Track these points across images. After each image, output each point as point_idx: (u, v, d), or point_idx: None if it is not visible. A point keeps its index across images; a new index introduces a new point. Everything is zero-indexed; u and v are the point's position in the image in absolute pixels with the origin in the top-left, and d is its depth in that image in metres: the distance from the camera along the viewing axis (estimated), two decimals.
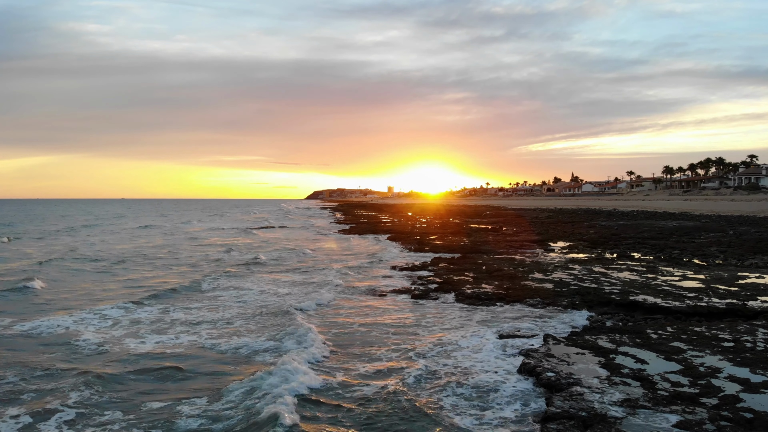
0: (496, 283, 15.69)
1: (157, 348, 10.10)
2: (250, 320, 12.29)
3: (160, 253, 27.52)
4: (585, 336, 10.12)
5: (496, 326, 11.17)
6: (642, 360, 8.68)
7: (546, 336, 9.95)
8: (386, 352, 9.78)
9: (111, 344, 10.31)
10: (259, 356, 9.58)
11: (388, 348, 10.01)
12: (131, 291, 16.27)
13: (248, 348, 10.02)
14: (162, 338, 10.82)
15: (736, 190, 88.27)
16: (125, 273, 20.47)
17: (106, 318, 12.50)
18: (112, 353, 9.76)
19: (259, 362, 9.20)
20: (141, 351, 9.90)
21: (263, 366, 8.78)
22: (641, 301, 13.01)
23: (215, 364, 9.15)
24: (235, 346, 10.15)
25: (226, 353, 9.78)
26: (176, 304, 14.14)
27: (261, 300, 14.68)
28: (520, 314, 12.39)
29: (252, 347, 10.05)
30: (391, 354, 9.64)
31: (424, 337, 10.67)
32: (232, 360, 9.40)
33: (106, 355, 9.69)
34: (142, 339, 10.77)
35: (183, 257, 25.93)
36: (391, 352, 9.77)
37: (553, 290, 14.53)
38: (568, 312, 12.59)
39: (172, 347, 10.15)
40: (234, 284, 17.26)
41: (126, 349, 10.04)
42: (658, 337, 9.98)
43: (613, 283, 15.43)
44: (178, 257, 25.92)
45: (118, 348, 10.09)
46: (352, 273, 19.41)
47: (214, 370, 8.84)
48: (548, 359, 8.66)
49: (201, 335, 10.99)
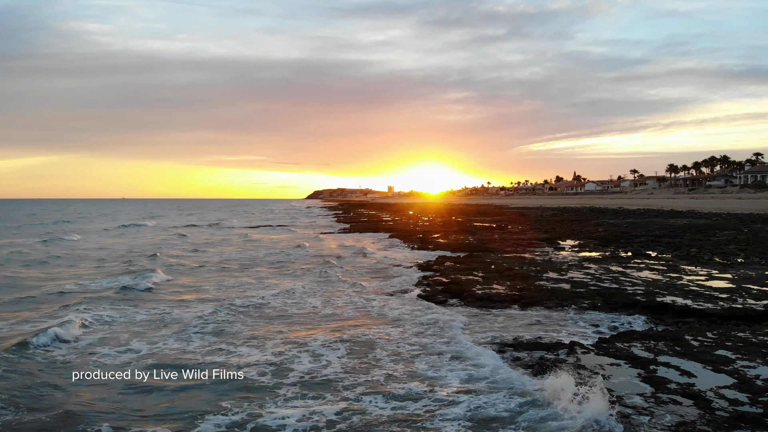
0: (509, 283, 14.51)
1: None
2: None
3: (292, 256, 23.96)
4: (616, 343, 8.95)
5: (513, 333, 9.99)
6: (688, 372, 7.51)
7: (572, 344, 8.78)
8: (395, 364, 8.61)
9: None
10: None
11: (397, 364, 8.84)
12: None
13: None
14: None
15: (742, 188, 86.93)
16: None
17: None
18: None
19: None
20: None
21: None
22: (670, 303, 11.84)
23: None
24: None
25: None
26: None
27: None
28: (538, 318, 11.21)
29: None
30: (400, 367, 8.46)
31: (432, 346, 9.49)
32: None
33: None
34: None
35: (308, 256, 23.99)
36: (396, 362, 8.59)
37: (571, 291, 13.36)
38: (590, 315, 11.43)
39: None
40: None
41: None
42: (699, 344, 8.81)
43: (635, 283, 14.25)
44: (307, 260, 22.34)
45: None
46: (351, 274, 18.24)
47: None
48: (578, 371, 7.49)
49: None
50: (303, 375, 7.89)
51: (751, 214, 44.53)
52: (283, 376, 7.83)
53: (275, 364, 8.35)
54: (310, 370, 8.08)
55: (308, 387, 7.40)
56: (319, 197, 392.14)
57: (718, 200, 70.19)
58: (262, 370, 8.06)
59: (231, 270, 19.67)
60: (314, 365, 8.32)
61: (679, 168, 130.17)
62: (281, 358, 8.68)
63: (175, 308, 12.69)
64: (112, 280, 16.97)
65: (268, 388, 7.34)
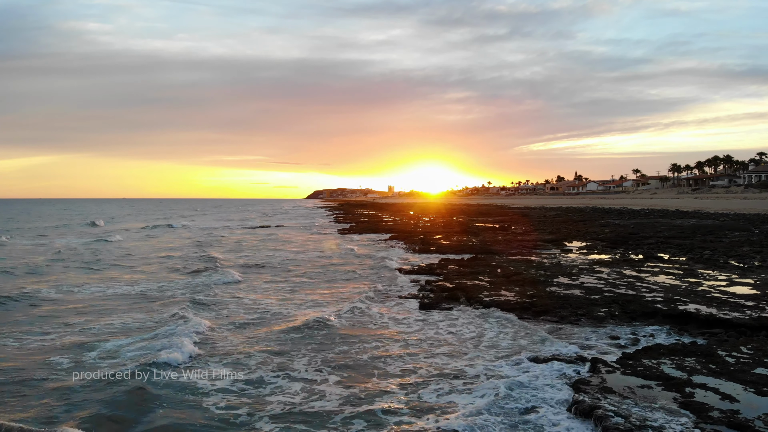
0: (517, 289, 13.64)
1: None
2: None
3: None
4: (642, 359, 8.07)
5: (527, 346, 9.12)
6: (729, 396, 6.64)
7: (595, 361, 7.89)
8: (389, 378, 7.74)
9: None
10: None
11: (391, 374, 7.98)
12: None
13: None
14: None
15: (747, 188, 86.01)
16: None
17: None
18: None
19: None
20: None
21: None
22: (694, 312, 10.96)
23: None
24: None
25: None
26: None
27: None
28: (552, 329, 10.34)
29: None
30: (393, 383, 7.60)
31: (439, 363, 8.62)
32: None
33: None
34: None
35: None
36: (391, 378, 7.73)
37: (584, 298, 12.48)
38: (609, 325, 10.56)
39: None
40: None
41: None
42: (735, 361, 7.93)
43: (653, 289, 13.37)
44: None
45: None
46: (351, 278, 17.38)
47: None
48: (606, 395, 6.63)
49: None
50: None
51: (759, 215, 43.66)
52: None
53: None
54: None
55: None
56: (319, 197, 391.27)
57: (723, 200, 69.31)
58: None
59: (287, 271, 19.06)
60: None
61: (682, 167, 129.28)
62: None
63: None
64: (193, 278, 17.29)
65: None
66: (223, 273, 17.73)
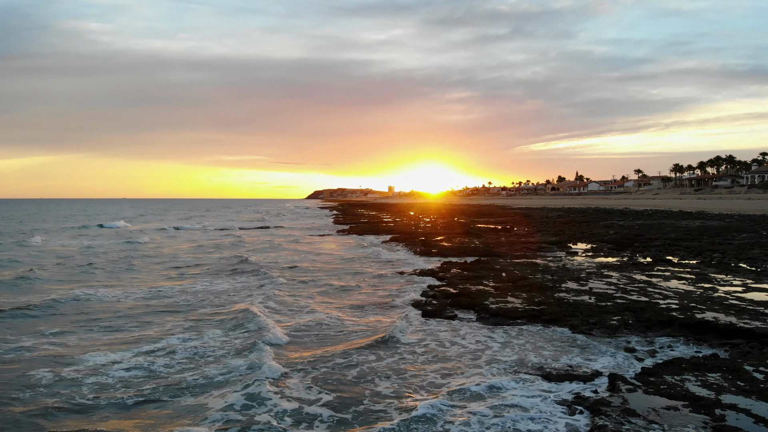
0: (524, 295, 13.05)
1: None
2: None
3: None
4: (664, 375, 7.50)
5: (538, 360, 8.53)
6: (763, 419, 6.06)
7: (613, 377, 7.31)
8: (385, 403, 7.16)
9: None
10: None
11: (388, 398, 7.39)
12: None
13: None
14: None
15: (750, 189, 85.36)
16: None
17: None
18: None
19: None
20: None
21: None
22: (712, 321, 10.37)
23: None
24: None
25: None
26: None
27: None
28: (564, 340, 9.75)
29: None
30: (388, 408, 7.02)
31: (438, 380, 8.04)
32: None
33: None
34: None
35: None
36: (386, 400, 7.15)
37: (596, 305, 11.89)
38: (623, 335, 9.97)
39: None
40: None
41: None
42: (764, 377, 7.35)
43: (666, 295, 12.79)
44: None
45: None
46: (350, 282, 16.80)
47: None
48: (630, 418, 6.05)
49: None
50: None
51: (765, 216, 43.04)
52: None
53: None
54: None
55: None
56: (319, 197, 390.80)
57: (726, 201, 68.68)
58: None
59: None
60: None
61: (684, 168, 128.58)
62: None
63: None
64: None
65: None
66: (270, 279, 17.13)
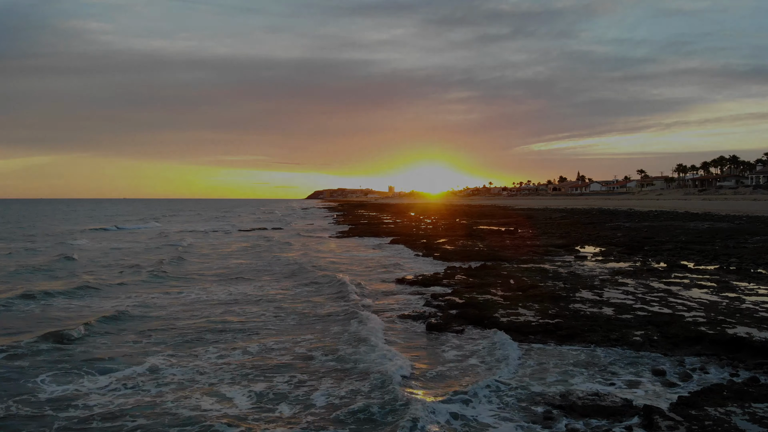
0: (537, 306, 12.06)
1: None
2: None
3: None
4: (704, 407, 6.53)
5: (558, 388, 7.54)
6: None
7: (648, 411, 6.34)
8: None
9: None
10: None
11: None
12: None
13: None
14: None
15: (755, 189, 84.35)
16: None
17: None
18: None
19: None
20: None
21: None
22: (746, 337, 9.39)
23: None
24: None
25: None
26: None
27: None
28: (583, 359, 8.78)
29: None
30: None
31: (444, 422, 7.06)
32: None
33: None
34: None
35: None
36: None
37: (615, 318, 10.92)
38: (649, 353, 9.00)
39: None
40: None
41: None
42: None
43: (690, 306, 11.81)
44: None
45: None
46: (349, 287, 15.83)
47: None
48: None
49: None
50: None
51: None
52: None
53: None
54: None
55: None
56: (319, 197, 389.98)
57: (732, 202, 67.67)
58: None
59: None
60: None
61: (687, 168, 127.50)
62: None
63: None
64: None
65: None
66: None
